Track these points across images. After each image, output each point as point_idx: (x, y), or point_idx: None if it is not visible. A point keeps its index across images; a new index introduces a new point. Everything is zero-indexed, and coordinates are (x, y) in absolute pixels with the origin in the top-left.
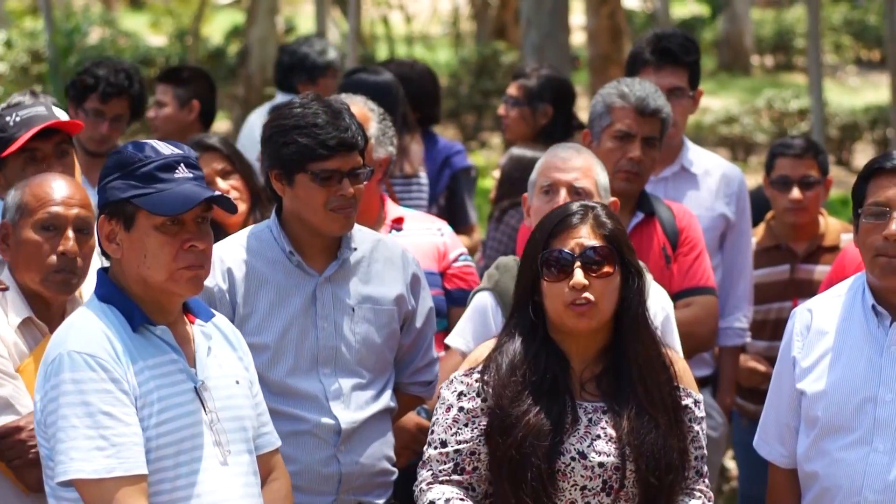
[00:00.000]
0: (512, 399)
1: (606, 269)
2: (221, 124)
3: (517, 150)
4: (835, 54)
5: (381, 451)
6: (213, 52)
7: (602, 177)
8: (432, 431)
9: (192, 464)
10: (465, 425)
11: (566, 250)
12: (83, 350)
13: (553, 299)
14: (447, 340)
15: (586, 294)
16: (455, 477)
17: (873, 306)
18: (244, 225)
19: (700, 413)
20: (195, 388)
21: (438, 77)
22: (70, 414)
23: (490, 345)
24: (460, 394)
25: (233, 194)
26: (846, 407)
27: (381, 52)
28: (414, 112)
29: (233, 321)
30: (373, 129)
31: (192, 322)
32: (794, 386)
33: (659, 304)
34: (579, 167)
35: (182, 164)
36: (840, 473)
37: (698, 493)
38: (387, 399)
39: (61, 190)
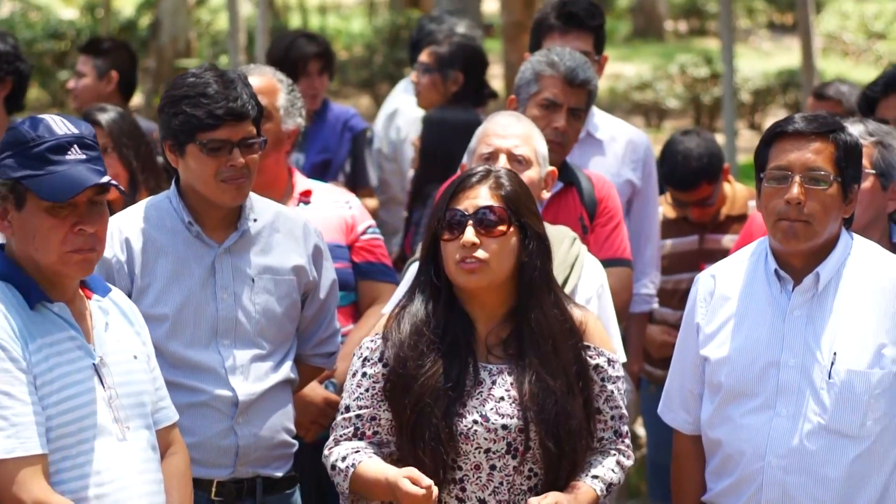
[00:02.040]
0: (413, 359)
1: (500, 228)
2: (134, 97)
3: (435, 114)
4: (747, 18)
5: (280, 423)
6: (125, 24)
7: (541, 145)
8: (342, 398)
9: (92, 441)
10: (367, 390)
11: (460, 209)
12: None
13: (447, 258)
14: (384, 310)
15: (476, 253)
16: (355, 441)
17: (776, 271)
18: (122, 207)
19: (615, 372)
20: (93, 364)
21: (351, 46)
22: None
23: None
24: (365, 359)
25: None
26: (749, 372)
27: (294, 22)
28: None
29: (131, 292)
30: (281, 99)
31: (88, 297)
32: (697, 352)
33: (597, 279)
34: (519, 134)
35: (75, 146)
36: (743, 439)
37: (614, 452)
38: (286, 370)
39: None
